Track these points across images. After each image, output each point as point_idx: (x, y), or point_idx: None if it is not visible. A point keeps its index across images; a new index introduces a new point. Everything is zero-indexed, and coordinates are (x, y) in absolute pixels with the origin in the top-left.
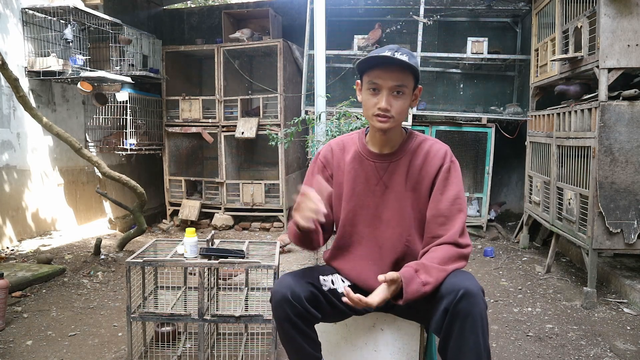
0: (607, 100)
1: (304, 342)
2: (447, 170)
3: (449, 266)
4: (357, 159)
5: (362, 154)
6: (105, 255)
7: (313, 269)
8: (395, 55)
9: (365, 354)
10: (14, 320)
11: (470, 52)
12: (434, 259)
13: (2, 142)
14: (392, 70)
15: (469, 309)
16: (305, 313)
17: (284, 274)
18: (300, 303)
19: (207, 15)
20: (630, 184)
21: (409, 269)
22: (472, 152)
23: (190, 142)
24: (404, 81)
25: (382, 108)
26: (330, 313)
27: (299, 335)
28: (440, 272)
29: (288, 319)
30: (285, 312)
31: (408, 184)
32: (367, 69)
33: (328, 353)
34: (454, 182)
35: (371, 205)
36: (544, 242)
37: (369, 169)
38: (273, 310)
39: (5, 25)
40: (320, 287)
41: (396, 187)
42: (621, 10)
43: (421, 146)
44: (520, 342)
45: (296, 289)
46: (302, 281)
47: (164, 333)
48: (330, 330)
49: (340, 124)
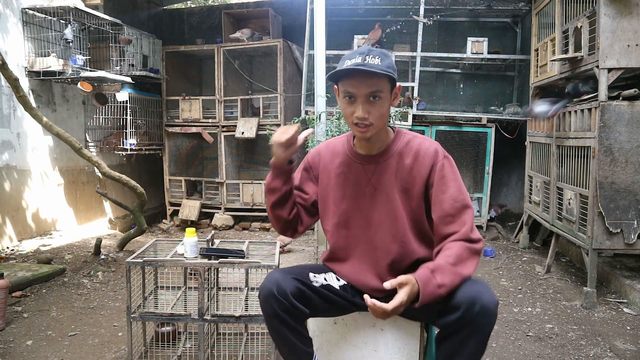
0: (607, 100)
1: (293, 337)
2: (442, 169)
3: (464, 265)
4: (346, 162)
5: (350, 156)
6: (105, 255)
7: (304, 266)
8: (366, 61)
9: (365, 353)
10: (14, 320)
11: (470, 52)
12: (449, 257)
13: (2, 142)
14: (364, 76)
15: (484, 324)
16: (292, 308)
17: (272, 270)
18: (286, 298)
19: (207, 15)
20: (630, 184)
21: (425, 270)
22: (472, 152)
23: (190, 142)
24: (378, 86)
25: (360, 117)
26: (325, 308)
27: (288, 331)
28: (455, 275)
29: (276, 315)
30: (272, 307)
31: (397, 185)
32: (339, 78)
33: (328, 353)
34: (452, 179)
35: (363, 208)
36: (544, 242)
37: (358, 172)
38: (261, 305)
39: (6, 25)
40: (309, 284)
41: (386, 189)
42: (621, 10)
43: (409, 145)
44: (520, 342)
45: (282, 285)
46: (288, 277)
47: (164, 333)
48: (330, 330)
49: (340, 124)
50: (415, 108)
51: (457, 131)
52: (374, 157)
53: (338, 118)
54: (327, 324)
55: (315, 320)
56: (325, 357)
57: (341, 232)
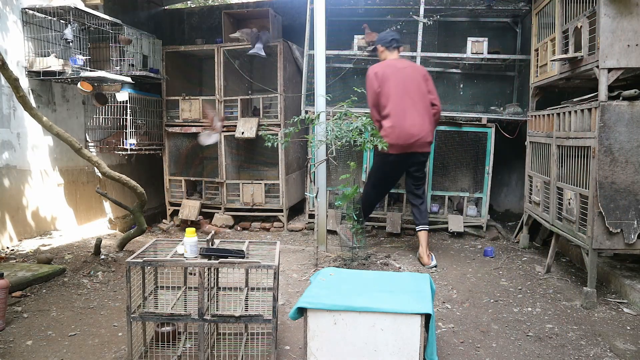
0: (607, 100)
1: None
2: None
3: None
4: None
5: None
6: (105, 255)
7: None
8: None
9: (365, 353)
10: (14, 320)
11: (470, 52)
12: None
13: (2, 142)
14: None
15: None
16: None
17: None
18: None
19: (207, 15)
20: (630, 184)
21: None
22: (472, 152)
23: (190, 142)
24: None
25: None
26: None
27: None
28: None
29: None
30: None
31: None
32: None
33: (328, 353)
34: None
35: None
36: (544, 242)
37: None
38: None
39: (5, 25)
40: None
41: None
42: (621, 10)
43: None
44: (520, 342)
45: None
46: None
47: (164, 333)
48: (330, 330)
49: (340, 124)
50: None
51: (457, 131)
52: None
53: (339, 117)
54: (327, 324)
55: (316, 320)
56: (325, 357)
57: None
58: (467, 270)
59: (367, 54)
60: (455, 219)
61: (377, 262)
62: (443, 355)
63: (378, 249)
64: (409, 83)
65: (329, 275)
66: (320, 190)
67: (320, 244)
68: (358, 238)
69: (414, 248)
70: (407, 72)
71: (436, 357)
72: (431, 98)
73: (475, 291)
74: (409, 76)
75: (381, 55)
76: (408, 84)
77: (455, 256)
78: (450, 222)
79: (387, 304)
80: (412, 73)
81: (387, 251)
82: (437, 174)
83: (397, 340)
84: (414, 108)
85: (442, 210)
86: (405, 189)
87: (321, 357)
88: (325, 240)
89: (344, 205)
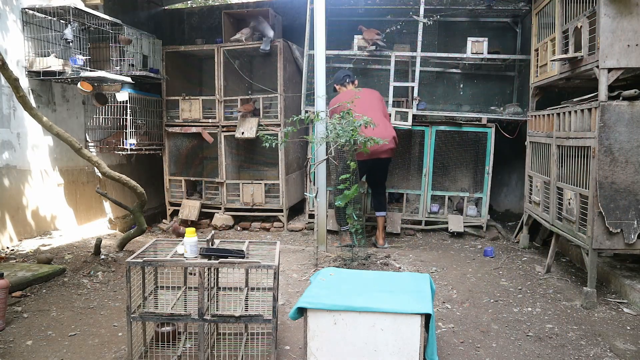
0: (607, 100)
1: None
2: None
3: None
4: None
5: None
6: (105, 255)
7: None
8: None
9: (366, 353)
10: (14, 320)
11: (470, 52)
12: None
13: (2, 142)
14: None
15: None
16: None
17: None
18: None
19: (207, 15)
20: (630, 184)
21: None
22: (472, 152)
23: (190, 142)
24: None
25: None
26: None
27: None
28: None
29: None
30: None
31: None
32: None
33: (328, 353)
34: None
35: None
36: (544, 242)
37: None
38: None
39: (5, 25)
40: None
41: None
42: (621, 10)
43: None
44: (520, 342)
45: None
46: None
47: (164, 333)
48: (330, 330)
49: (341, 123)
50: (415, 108)
51: (457, 131)
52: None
53: (342, 117)
54: (327, 324)
55: (316, 320)
56: (325, 357)
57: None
58: (467, 270)
59: (367, 54)
60: (455, 219)
61: (377, 262)
62: (443, 355)
63: (378, 249)
64: (374, 102)
65: (329, 275)
66: (320, 190)
67: (320, 244)
68: (358, 238)
69: (414, 248)
70: (366, 94)
71: (436, 357)
72: (386, 114)
73: (475, 291)
74: (371, 96)
75: (340, 92)
76: (374, 102)
77: (455, 256)
78: (450, 222)
79: (387, 304)
80: (370, 94)
81: (386, 251)
82: (437, 174)
83: (397, 340)
84: (382, 121)
85: (442, 210)
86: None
87: (321, 357)
88: (325, 240)
89: (344, 204)
